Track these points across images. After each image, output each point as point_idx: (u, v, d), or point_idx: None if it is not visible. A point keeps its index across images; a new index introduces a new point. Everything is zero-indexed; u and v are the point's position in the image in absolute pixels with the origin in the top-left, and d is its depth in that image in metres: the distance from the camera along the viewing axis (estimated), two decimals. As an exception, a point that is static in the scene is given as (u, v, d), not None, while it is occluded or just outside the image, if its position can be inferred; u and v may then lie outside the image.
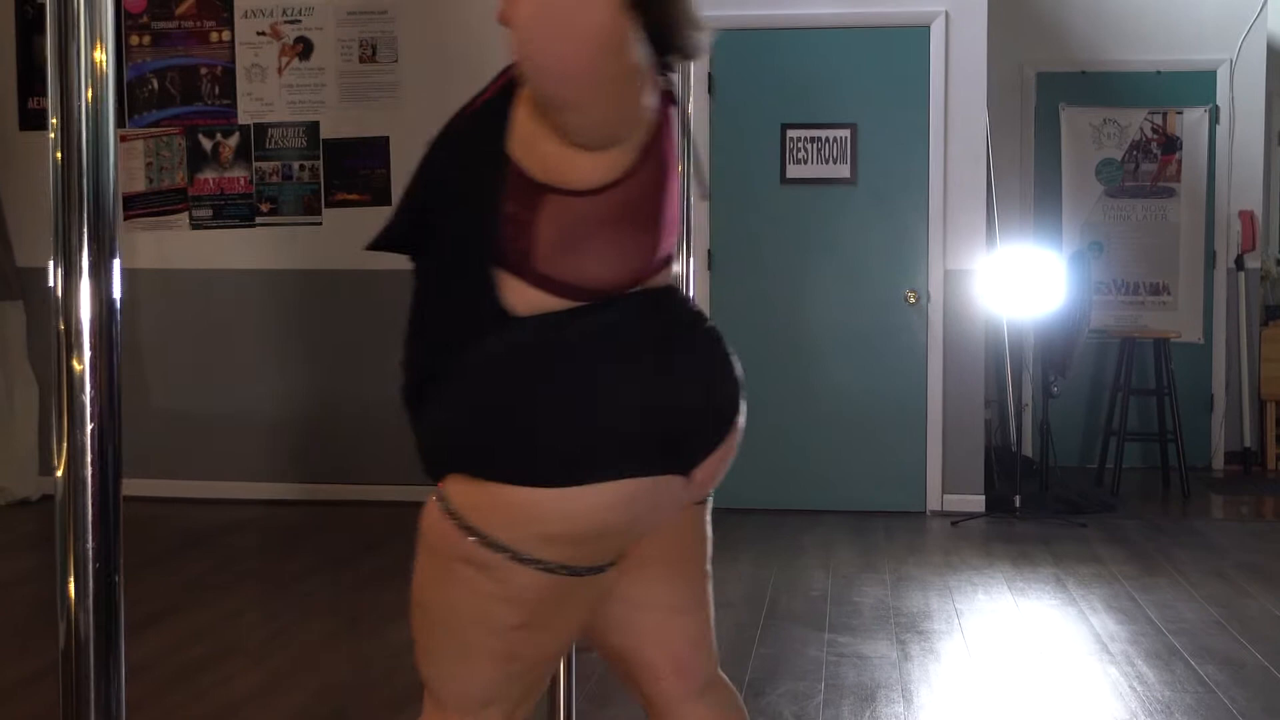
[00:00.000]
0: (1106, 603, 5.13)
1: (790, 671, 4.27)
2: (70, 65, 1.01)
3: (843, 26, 6.95)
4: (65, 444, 1.02)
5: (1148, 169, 8.36)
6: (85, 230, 1.03)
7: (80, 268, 1.03)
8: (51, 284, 1.03)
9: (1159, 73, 8.27)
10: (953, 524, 6.63)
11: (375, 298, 7.06)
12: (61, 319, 1.02)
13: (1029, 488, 7.03)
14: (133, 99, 7.24)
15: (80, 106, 1.02)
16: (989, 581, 5.49)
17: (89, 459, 1.03)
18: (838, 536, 6.35)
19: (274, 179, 7.20)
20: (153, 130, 7.26)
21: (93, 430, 1.03)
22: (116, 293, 1.04)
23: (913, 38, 6.92)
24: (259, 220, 7.22)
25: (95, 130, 1.03)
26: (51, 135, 1.02)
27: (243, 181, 7.22)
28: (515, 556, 1.82)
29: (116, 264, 1.04)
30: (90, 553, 1.04)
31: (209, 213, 7.25)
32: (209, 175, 7.23)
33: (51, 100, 1.02)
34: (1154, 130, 8.33)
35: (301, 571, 5.69)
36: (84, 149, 1.03)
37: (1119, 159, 8.35)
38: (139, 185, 7.24)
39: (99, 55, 1.02)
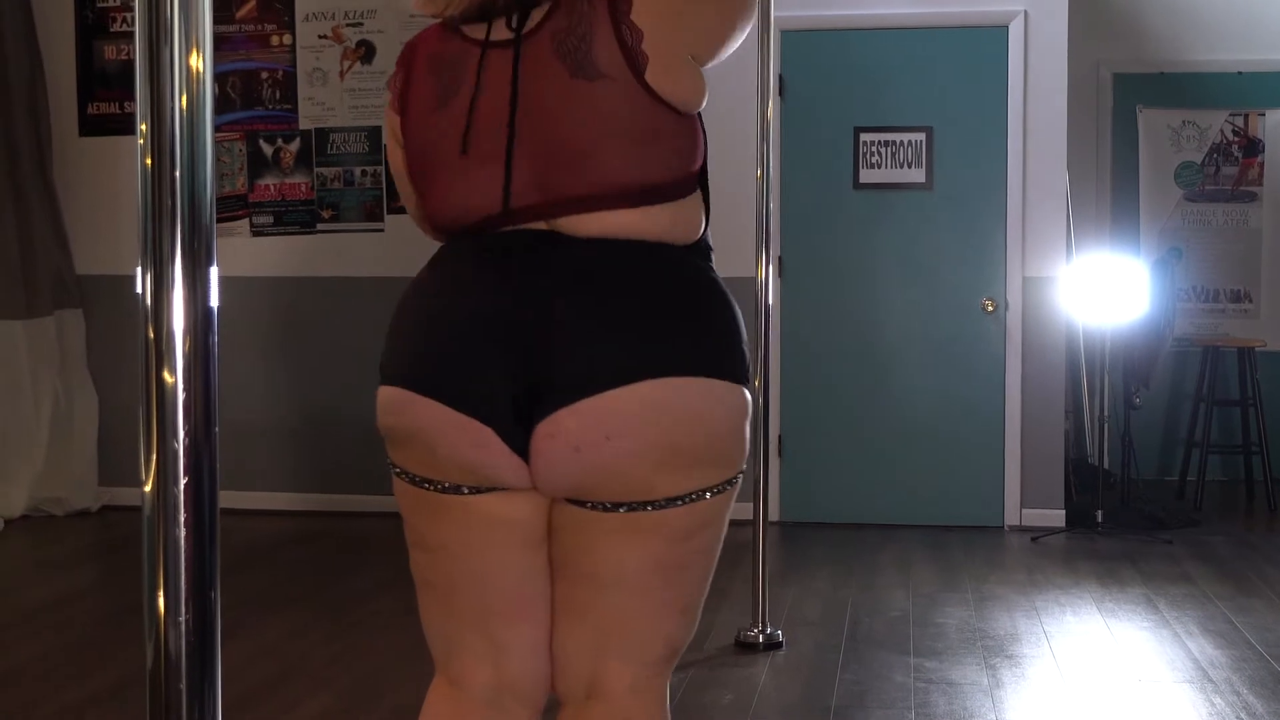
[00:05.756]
0: (1202, 625, 4.92)
1: (878, 700, 4.09)
2: (162, 70, 0.98)
3: (918, 26, 6.75)
4: (155, 455, 0.99)
5: (1229, 172, 8.11)
6: (179, 236, 0.99)
7: (173, 275, 0.99)
8: (139, 291, 0.99)
9: (1240, 73, 8.03)
10: (1033, 539, 6.42)
11: (438, 306, 6.92)
12: (151, 327, 0.98)
13: (1109, 501, 6.80)
14: (193, 104, 7.13)
15: (174, 111, 0.99)
16: (1076, 601, 5.28)
17: (182, 471, 1.00)
18: (915, 552, 6.16)
19: (336, 185, 7.08)
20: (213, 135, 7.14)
21: (187, 442, 0.99)
22: (214, 301, 1.01)
23: (990, 38, 6.72)
24: (320, 227, 7.11)
25: (191, 135, 1.00)
26: (141, 141, 0.99)
27: (304, 187, 7.11)
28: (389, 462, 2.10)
29: (214, 271, 1.01)
30: (183, 567, 1.00)
31: (270, 219, 7.14)
32: (270, 181, 7.12)
33: (140, 105, 0.99)
34: (1235, 132, 8.09)
35: (365, 586, 5.56)
36: (179, 154, 0.99)
37: (1199, 162, 8.10)
38: (199, 191, 7.12)
39: (195, 60, 0.99)
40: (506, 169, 1.96)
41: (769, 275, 4.83)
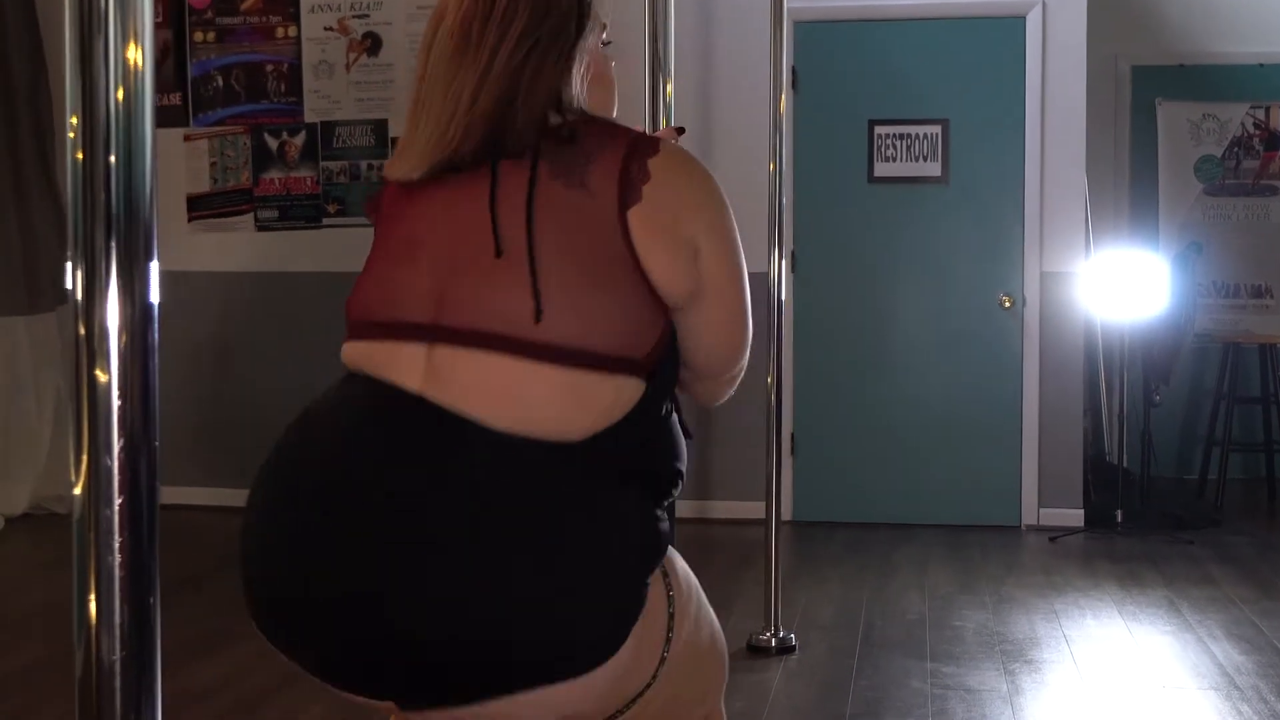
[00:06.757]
0: (1227, 629, 4.79)
1: (894, 707, 3.97)
2: (95, 62, 0.95)
3: (934, 17, 6.63)
4: (85, 456, 0.95)
5: (1249, 166, 7.97)
6: (114, 231, 0.95)
7: (106, 270, 0.96)
8: (70, 286, 0.97)
9: (1261, 65, 7.89)
10: (1051, 540, 6.29)
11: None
12: (83, 324, 0.95)
13: (1128, 501, 6.67)
14: (197, 97, 7.05)
15: (109, 104, 0.96)
16: (1097, 604, 5.16)
17: (116, 472, 0.95)
18: (931, 553, 6.04)
19: (341, 179, 6.98)
20: (217, 129, 7.06)
21: (122, 443, 0.95)
22: (153, 297, 0.97)
23: (1007, 29, 6.60)
24: (326, 221, 7.01)
25: (128, 129, 0.97)
26: (71, 135, 0.97)
27: (309, 181, 7.00)
28: None
29: (154, 266, 0.97)
30: (117, 571, 0.95)
31: (275, 214, 7.04)
32: (275, 175, 7.02)
33: (71, 97, 0.97)
34: (1256, 126, 7.95)
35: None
36: (115, 148, 0.96)
37: (1219, 156, 7.96)
38: (203, 186, 7.04)
39: (132, 53, 0.96)
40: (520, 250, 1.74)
41: (781, 270, 4.72)
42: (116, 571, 0.90)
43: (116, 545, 0.90)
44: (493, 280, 1.71)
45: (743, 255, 1.86)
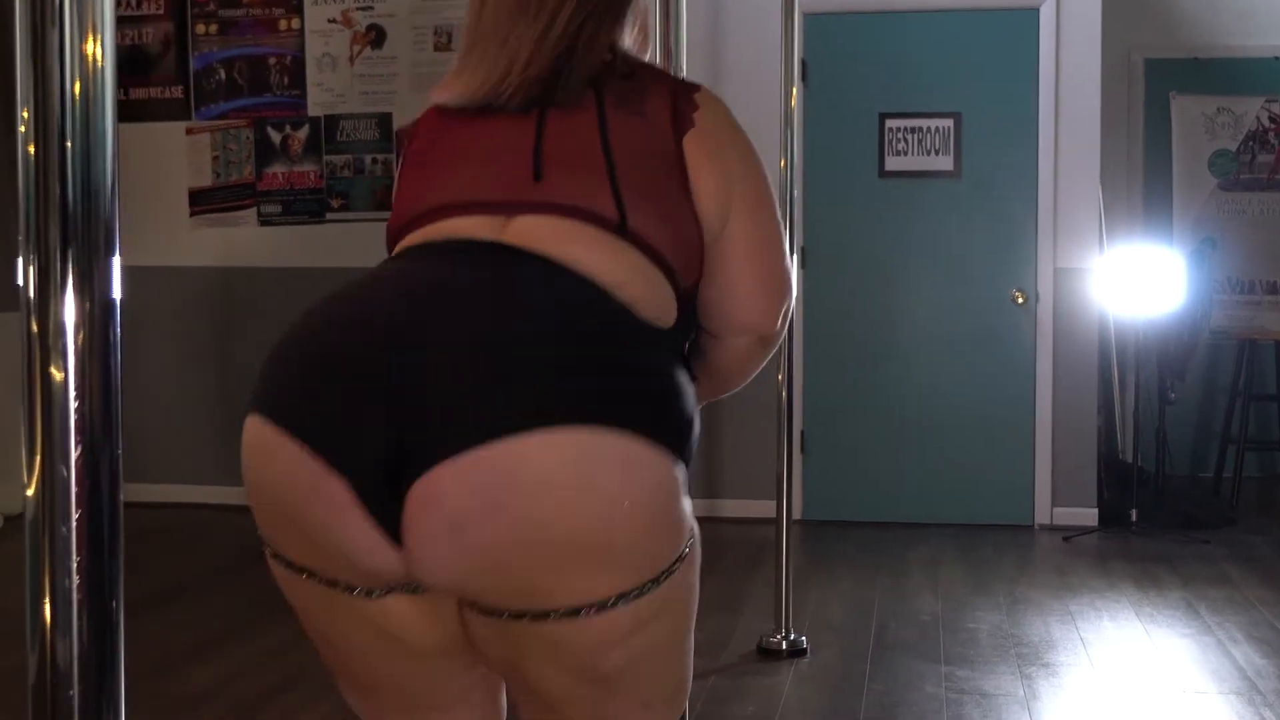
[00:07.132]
0: (1246, 632, 4.70)
1: (909, 712, 3.88)
2: (49, 56, 0.92)
3: (946, 9, 6.53)
4: (39, 463, 0.91)
5: (1265, 160, 7.86)
6: (70, 226, 0.92)
7: (59, 264, 0.92)
8: (20, 283, 0.93)
9: (1276, 58, 7.79)
10: (1065, 539, 6.20)
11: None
12: (35, 321, 0.92)
13: (1142, 499, 6.58)
14: (199, 90, 6.96)
15: (65, 98, 0.93)
16: (1113, 606, 5.07)
17: (74, 483, 0.90)
18: (944, 552, 5.95)
19: (345, 173, 6.89)
20: (220, 123, 6.97)
21: (80, 450, 0.90)
22: (115, 293, 0.94)
23: (1021, 21, 6.50)
24: (330, 216, 6.92)
25: (86, 122, 0.94)
26: (22, 128, 0.94)
27: (313, 175, 6.92)
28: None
29: (115, 262, 0.93)
30: (73, 592, 0.90)
31: (278, 208, 6.95)
32: (278, 169, 6.94)
33: (22, 89, 0.94)
34: (1271, 119, 7.84)
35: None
36: (73, 142, 0.93)
37: (1234, 150, 7.86)
38: (205, 180, 6.96)
39: (91, 47, 0.93)
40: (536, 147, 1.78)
41: (791, 266, 4.63)
42: (74, 594, 0.82)
43: (74, 565, 0.82)
44: (576, 184, 1.75)
45: (775, 200, 1.94)
